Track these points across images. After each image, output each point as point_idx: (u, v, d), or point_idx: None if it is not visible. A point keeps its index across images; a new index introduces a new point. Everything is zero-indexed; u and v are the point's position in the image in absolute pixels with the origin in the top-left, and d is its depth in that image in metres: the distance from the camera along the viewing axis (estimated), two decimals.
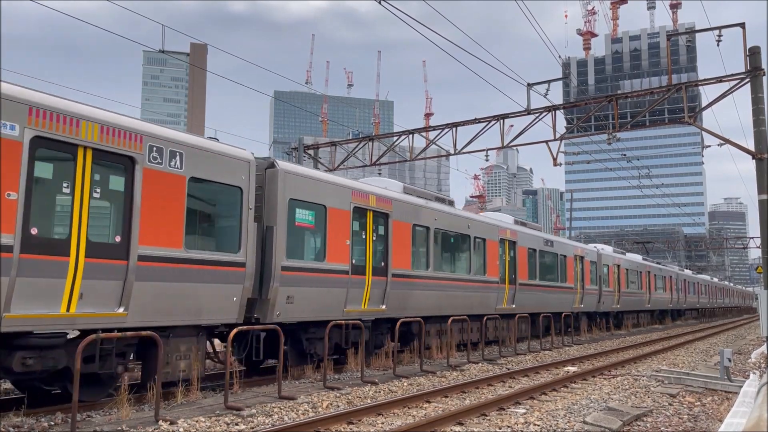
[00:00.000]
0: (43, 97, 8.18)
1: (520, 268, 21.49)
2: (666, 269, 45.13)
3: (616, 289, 32.32)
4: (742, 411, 8.79)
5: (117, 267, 8.77)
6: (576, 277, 27.00)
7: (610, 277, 31.72)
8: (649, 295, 39.14)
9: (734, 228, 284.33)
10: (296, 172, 12.30)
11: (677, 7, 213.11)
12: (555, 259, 24.95)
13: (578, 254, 27.63)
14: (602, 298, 30.05)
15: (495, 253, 19.91)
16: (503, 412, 9.84)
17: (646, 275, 38.70)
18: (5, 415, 8.16)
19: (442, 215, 17.17)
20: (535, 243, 23.03)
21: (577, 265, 27.33)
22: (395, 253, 14.93)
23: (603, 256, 30.89)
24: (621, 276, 33.28)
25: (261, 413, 8.84)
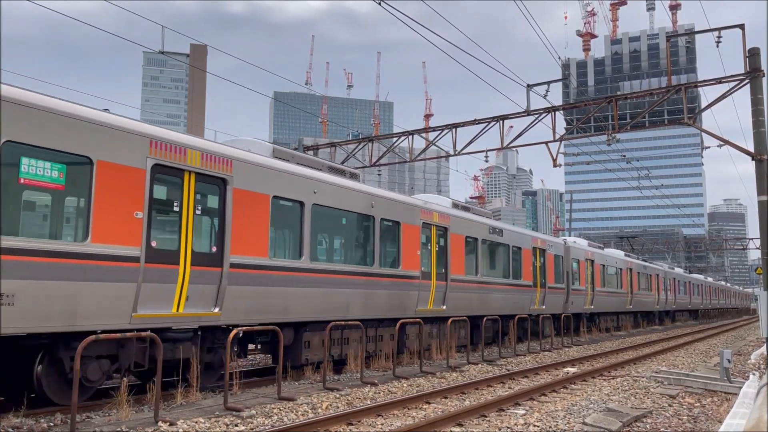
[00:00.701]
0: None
1: (453, 260, 17.60)
2: (652, 267, 41.58)
3: (588, 288, 28.67)
4: (742, 412, 8.79)
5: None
6: (535, 274, 23.14)
7: (582, 274, 27.96)
8: (631, 295, 35.67)
9: (734, 229, 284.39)
10: None
11: (677, 8, 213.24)
12: (505, 252, 21.08)
13: (538, 246, 23.70)
14: (571, 297, 26.45)
15: (414, 240, 15.98)
16: (503, 413, 9.84)
17: (628, 273, 35.18)
18: (5, 416, 8.16)
19: (319, 185, 12.90)
20: (476, 231, 19.15)
21: (537, 259, 23.48)
22: None
23: (572, 250, 27.14)
24: (596, 273, 29.68)
25: (260, 414, 8.84)
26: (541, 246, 23.89)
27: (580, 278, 27.75)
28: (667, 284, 45.08)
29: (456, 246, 17.83)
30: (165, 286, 9.64)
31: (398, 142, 25.67)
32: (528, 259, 22.62)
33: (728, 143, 19.50)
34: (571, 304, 26.51)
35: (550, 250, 24.65)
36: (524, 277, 22.18)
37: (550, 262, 24.52)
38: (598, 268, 30.15)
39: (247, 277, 11.00)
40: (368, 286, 14.09)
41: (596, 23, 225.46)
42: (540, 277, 23.54)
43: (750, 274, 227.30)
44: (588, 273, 28.86)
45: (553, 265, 24.86)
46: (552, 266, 24.77)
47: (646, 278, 39.29)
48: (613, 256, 33.11)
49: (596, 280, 29.74)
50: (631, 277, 35.72)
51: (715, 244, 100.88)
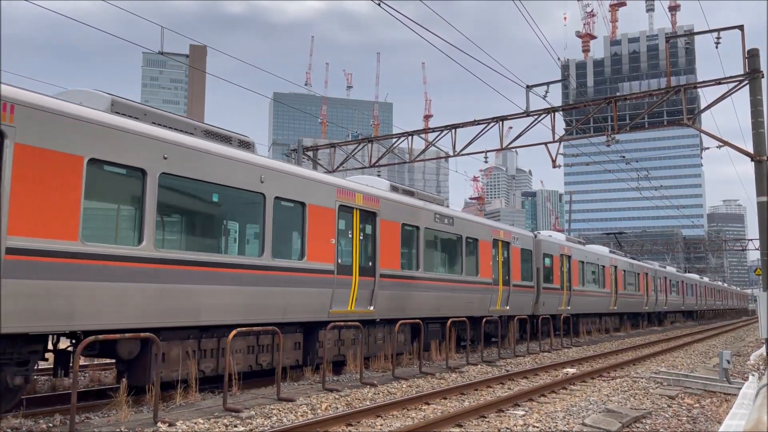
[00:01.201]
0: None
1: (384, 252, 14.71)
2: (640, 265, 38.62)
3: (564, 287, 25.66)
4: (741, 413, 8.79)
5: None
6: (497, 270, 20.19)
7: (556, 271, 24.93)
8: (616, 295, 32.62)
9: (733, 230, 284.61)
10: None
11: (676, 9, 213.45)
12: (457, 244, 18.24)
13: (500, 239, 20.65)
14: (542, 297, 23.47)
15: (327, 226, 13.07)
16: (502, 413, 9.84)
17: (612, 271, 32.10)
18: (4, 417, 8.15)
19: None
20: (416, 218, 16.27)
21: (500, 253, 20.51)
22: None
23: (543, 244, 24.01)
24: (573, 270, 26.57)
25: (260, 415, 8.83)
26: (504, 238, 20.89)
27: (553, 276, 24.61)
28: (658, 283, 42.16)
29: (389, 235, 14.95)
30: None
31: (398, 142, 25.67)
32: (487, 252, 19.54)
33: (727, 144, 19.51)
34: (542, 304, 23.44)
35: (516, 244, 21.66)
36: (482, 273, 19.13)
37: (515, 257, 21.53)
38: (575, 265, 26.95)
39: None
40: (254, 282, 11.22)
41: (595, 24, 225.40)
42: (503, 273, 20.62)
43: (749, 275, 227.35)
44: (564, 270, 25.69)
45: (519, 260, 21.87)
46: (518, 262, 21.76)
47: (634, 277, 36.28)
48: (595, 252, 30.13)
49: (573, 278, 26.59)
50: (616, 275, 32.73)
51: (715, 245, 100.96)
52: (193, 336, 10.35)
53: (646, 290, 38.81)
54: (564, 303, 25.68)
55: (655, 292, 41.15)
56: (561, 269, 25.47)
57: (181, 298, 9.78)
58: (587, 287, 28.51)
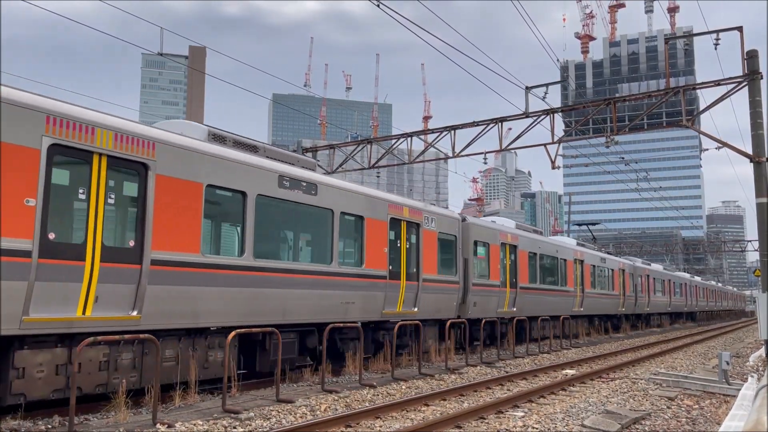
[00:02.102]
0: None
1: (160, 228, 9.61)
2: (615, 260, 33.93)
3: (507, 284, 21.02)
4: (740, 414, 8.79)
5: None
6: (396, 260, 15.40)
7: (494, 263, 20.22)
8: (582, 294, 28.05)
9: (732, 231, 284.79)
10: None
11: (675, 10, 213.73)
12: (323, 221, 13.24)
13: (402, 218, 15.70)
14: (470, 296, 18.72)
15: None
16: (501, 415, 9.84)
17: (577, 266, 27.49)
18: (3, 418, 8.14)
19: None
20: (247, 181, 11.29)
21: (402, 238, 15.72)
22: None
23: (473, 229, 19.24)
24: (520, 263, 21.96)
25: (259, 416, 8.82)
26: (407, 217, 15.93)
27: (490, 269, 19.95)
28: (638, 282, 37.46)
29: (179, 204, 10.01)
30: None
31: (397, 143, 25.68)
32: (377, 236, 14.68)
33: (726, 145, 19.53)
34: (472, 305, 18.85)
35: (427, 226, 16.77)
36: (368, 263, 14.30)
37: (429, 244, 16.75)
38: (523, 258, 22.26)
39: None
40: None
41: (595, 25, 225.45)
42: (406, 264, 15.75)
43: (749, 276, 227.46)
44: (507, 263, 21.04)
45: (436, 248, 17.11)
46: (434, 250, 17.01)
47: (607, 274, 31.69)
48: (553, 243, 25.59)
49: (521, 273, 22.02)
50: (582, 271, 28.18)
51: (714, 246, 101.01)
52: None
53: (622, 289, 34.21)
54: (507, 303, 20.96)
55: (634, 292, 36.58)
56: (502, 262, 20.80)
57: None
58: (542, 285, 23.83)
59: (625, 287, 34.79)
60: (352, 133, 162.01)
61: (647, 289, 39.49)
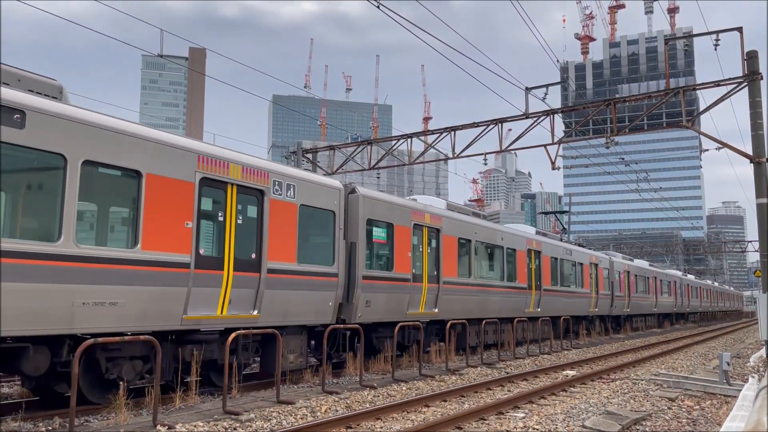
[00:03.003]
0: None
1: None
2: (585, 252, 29.34)
3: (424, 279, 16.43)
4: (741, 415, 8.79)
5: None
6: (226, 247, 10.78)
7: (401, 251, 15.56)
8: (540, 292, 23.44)
9: (732, 232, 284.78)
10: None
11: (675, 11, 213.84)
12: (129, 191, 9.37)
13: (227, 179, 10.90)
14: (360, 293, 13.90)
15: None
16: (502, 416, 9.83)
17: (532, 258, 23.13)
18: (3, 420, 8.14)
19: None
20: None
21: (229, 212, 10.97)
22: None
23: (367, 203, 14.42)
24: (445, 252, 17.38)
25: (259, 418, 8.82)
26: (238, 180, 11.10)
27: (395, 259, 15.33)
28: (617, 279, 32.87)
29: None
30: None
31: (397, 145, 25.69)
32: (170, 204, 9.86)
33: (727, 146, 19.53)
34: (363, 305, 13.98)
35: (279, 195, 12.02)
36: (164, 247, 9.65)
37: (282, 221, 12.03)
38: (450, 245, 17.67)
39: None
40: None
41: (594, 26, 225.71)
42: (232, 249, 10.89)
43: (749, 276, 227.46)
44: (422, 251, 16.60)
45: (295, 227, 12.34)
46: (291, 229, 12.24)
47: (574, 269, 27.44)
48: (498, 229, 20.91)
49: (446, 265, 17.39)
50: (540, 264, 23.82)
51: (714, 247, 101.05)
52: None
53: (594, 287, 29.68)
54: (424, 303, 16.39)
55: (610, 290, 32.05)
56: (416, 250, 16.29)
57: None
58: (479, 280, 19.19)
59: (598, 284, 30.18)
60: (352, 135, 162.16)
61: (627, 287, 34.54)
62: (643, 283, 38.27)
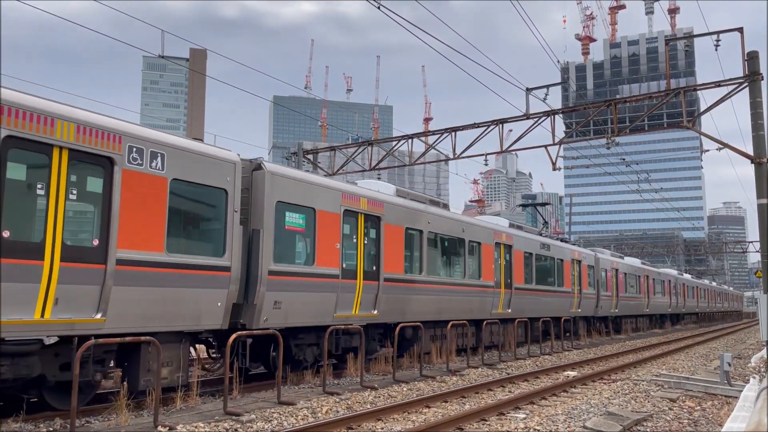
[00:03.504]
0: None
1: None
2: (566, 247, 26.52)
3: (358, 275, 13.97)
4: (742, 415, 8.78)
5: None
6: (47, 233, 8.12)
7: (326, 243, 13.09)
8: (510, 291, 20.75)
9: (733, 232, 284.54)
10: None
11: (675, 12, 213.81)
12: None
13: (58, 143, 8.29)
14: (264, 292, 11.45)
15: None
16: (503, 417, 9.83)
17: (500, 252, 20.43)
18: (4, 421, 8.15)
19: None
20: None
21: (54, 186, 8.30)
22: None
23: (277, 182, 11.93)
24: (387, 245, 14.90)
25: (260, 419, 8.82)
26: (94, 148, 8.83)
27: (316, 251, 12.77)
28: (602, 276, 30.33)
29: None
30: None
31: (398, 145, 25.69)
32: None
33: (727, 146, 19.52)
34: (271, 307, 11.50)
35: (141, 166, 9.51)
36: None
37: (150, 201, 9.62)
38: (395, 236, 15.19)
39: None
40: None
41: (595, 27, 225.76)
42: (57, 235, 8.29)
43: (750, 277, 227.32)
44: (357, 243, 14.02)
45: (163, 206, 9.79)
46: (157, 210, 9.71)
47: (553, 265, 24.81)
48: (458, 219, 18.36)
49: (389, 260, 14.86)
50: (511, 259, 21.12)
51: (715, 248, 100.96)
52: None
53: (577, 285, 27.29)
54: (358, 304, 13.86)
55: (595, 289, 29.59)
56: (347, 241, 13.75)
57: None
58: (435, 277, 16.89)
59: (581, 283, 27.61)
60: (352, 135, 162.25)
61: (615, 285, 32.12)
62: (634, 282, 36.00)
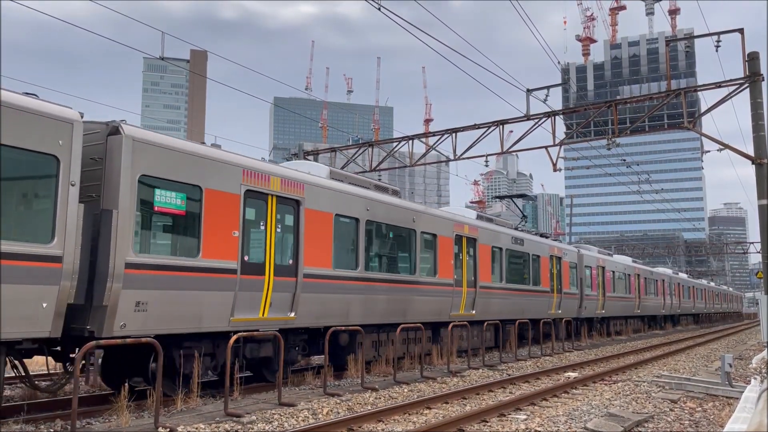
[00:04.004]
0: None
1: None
2: (543, 242, 24.51)
3: (266, 270, 11.51)
4: (744, 417, 8.76)
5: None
6: None
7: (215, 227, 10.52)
8: (474, 289, 18.67)
9: (734, 233, 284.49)
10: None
11: (676, 12, 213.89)
12: None
13: None
14: (115, 289, 8.85)
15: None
16: (504, 418, 9.82)
17: (462, 246, 18.29)
18: (5, 423, 8.15)
19: None
20: None
21: None
22: None
23: (136, 150, 9.24)
24: (308, 234, 12.54)
25: (261, 420, 8.82)
26: None
27: (202, 241, 10.32)
28: (585, 276, 27.92)
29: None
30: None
31: (398, 147, 25.70)
32: None
33: (728, 147, 19.51)
34: (135, 309, 9.15)
35: None
36: None
37: None
38: (318, 224, 12.82)
39: None
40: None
41: (595, 28, 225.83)
42: None
43: (751, 278, 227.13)
44: (270, 231, 11.69)
45: None
46: None
47: (527, 261, 22.60)
48: (411, 209, 16.17)
49: (309, 253, 12.51)
50: (475, 254, 18.86)
51: (716, 249, 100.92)
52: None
53: (557, 284, 25.00)
54: (267, 305, 11.46)
55: (579, 289, 27.33)
56: (246, 228, 11.16)
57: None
58: (372, 273, 14.45)
59: (561, 281, 25.35)
60: (353, 137, 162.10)
61: (602, 285, 29.95)
62: (623, 282, 33.60)
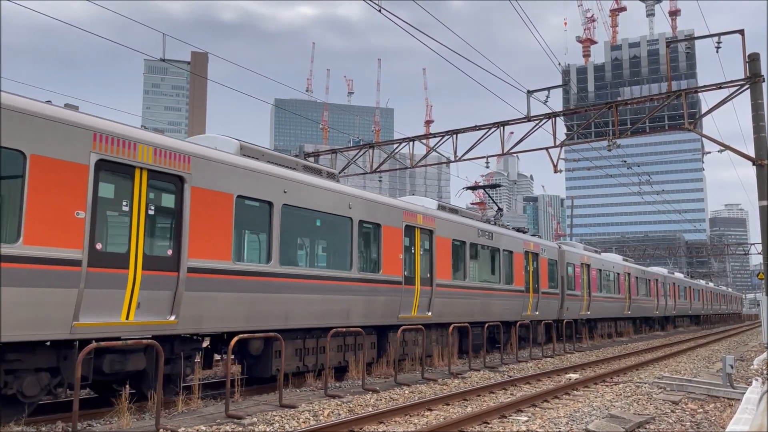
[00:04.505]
0: None
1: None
2: (518, 237, 22.17)
3: (141, 263, 9.18)
4: (745, 418, 8.75)
5: None
6: None
7: (49, 203, 7.92)
8: (428, 290, 16.38)
9: (735, 234, 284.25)
10: None
11: (676, 14, 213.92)
12: None
13: None
14: None
15: None
16: (505, 419, 9.81)
17: (416, 240, 16.10)
18: (5, 424, 8.15)
19: None
20: None
21: None
22: None
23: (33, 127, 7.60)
24: (193, 219, 10.06)
25: (262, 422, 8.81)
26: None
27: (23, 223, 7.65)
28: (565, 273, 25.92)
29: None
30: None
31: (399, 148, 25.70)
32: None
33: (729, 148, 19.51)
34: None
35: None
36: None
37: None
38: (213, 208, 10.48)
39: None
40: None
41: (596, 29, 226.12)
42: None
43: (752, 279, 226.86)
44: (138, 214, 9.21)
45: None
46: None
47: (496, 257, 20.39)
48: (348, 194, 13.85)
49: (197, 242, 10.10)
50: (432, 249, 16.78)
51: (717, 250, 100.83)
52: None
53: (533, 283, 22.82)
54: (132, 307, 9.05)
55: (560, 288, 25.20)
56: (99, 209, 8.71)
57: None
58: (290, 268, 12.08)
59: (538, 280, 23.20)
60: (354, 138, 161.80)
61: (587, 284, 27.85)
62: (612, 281, 31.40)
